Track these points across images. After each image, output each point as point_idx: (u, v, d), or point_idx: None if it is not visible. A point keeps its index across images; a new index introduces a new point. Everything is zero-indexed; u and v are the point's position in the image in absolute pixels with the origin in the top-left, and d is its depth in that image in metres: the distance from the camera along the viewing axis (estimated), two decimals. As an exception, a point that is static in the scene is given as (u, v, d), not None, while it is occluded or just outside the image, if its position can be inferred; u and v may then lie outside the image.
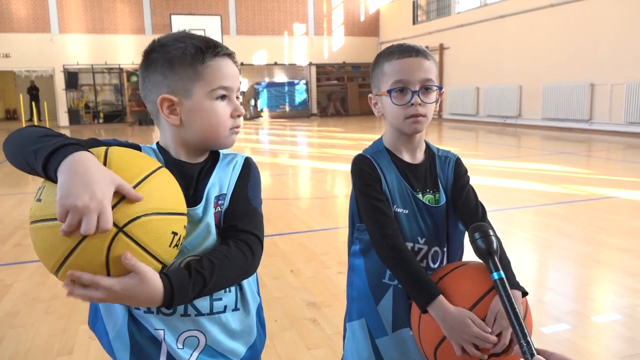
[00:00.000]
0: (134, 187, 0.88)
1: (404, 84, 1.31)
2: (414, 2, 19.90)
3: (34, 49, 18.53)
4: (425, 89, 1.32)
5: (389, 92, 1.32)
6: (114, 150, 0.95)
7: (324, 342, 2.48)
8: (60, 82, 19.18)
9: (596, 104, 12.10)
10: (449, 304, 1.18)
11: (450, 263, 1.38)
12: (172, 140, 1.11)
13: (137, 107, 20.28)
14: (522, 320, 1.02)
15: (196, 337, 1.07)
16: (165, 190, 0.95)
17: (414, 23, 19.96)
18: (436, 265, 1.38)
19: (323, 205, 5.64)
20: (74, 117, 19.51)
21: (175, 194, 0.98)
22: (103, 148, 0.94)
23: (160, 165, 1.00)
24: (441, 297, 1.19)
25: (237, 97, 1.14)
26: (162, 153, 1.12)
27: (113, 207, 0.85)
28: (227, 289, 1.10)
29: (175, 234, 0.94)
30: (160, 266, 0.94)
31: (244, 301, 1.15)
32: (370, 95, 1.43)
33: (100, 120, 20.04)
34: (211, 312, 1.08)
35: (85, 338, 2.58)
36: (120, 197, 0.86)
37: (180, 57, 1.05)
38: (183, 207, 0.99)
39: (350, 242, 1.45)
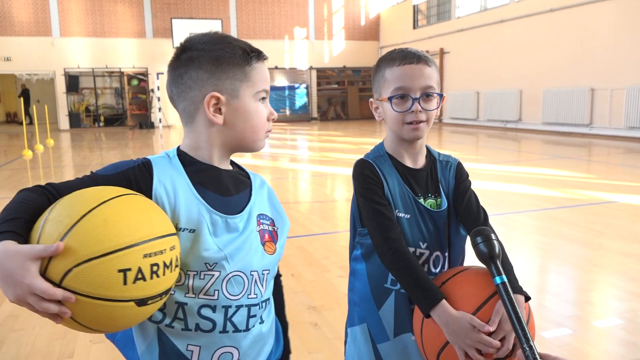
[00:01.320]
0: (61, 239, 0.85)
1: (405, 90, 1.31)
2: (414, 6, 19.95)
3: (35, 53, 18.58)
4: (426, 96, 1.32)
5: (390, 98, 1.33)
6: (44, 218, 0.90)
7: (324, 346, 2.48)
8: (61, 85, 19.22)
9: (596, 109, 12.12)
10: (452, 308, 1.17)
11: (453, 268, 1.38)
12: (208, 142, 1.09)
13: (138, 111, 20.31)
14: (525, 325, 1.01)
15: (230, 352, 1.07)
16: (100, 231, 0.87)
17: (414, 27, 20.00)
18: (437, 270, 1.37)
19: (323, 209, 5.64)
20: (75, 120, 19.55)
21: (119, 228, 0.89)
22: (40, 220, 0.90)
23: (103, 200, 0.91)
24: (444, 301, 1.18)
25: None
26: (184, 158, 1.09)
27: (44, 273, 0.84)
28: (260, 306, 1.11)
29: (126, 270, 0.86)
30: (131, 304, 0.88)
31: (269, 314, 1.17)
32: (371, 99, 1.44)
33: (101, 124, 20.07)
34: (247, 329, 1.08)
35: (86, 342, 2.58)
36: (48, 260, 0.84)
37: (229, 57, 1.06)
38: (138, 235, 0.90)
39: (352, 247, 1.44)
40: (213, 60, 1.06)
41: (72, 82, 19.42)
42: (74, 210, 0.89)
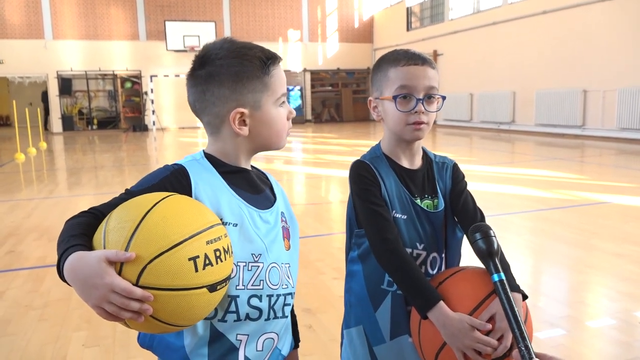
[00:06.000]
0: (127, 245, 0.90)
1: (409, 90, 1.31)
2: (407, 8, 20.01)
3: (28, 55, 18.48)
4: (429, 97, 1.33)
5: (395, 97, 1.32)
6: (103, 230, 0.96)
7: (319, 349, 2.48)
8: (53, 88, 19.14)
9: (589, 110, 12.19)
10: (450, 310, 1.17)
11: (450, 268, 1.38)
12: (235, 149, 1.15)
13: (131, 114, 20.24)
14: (522, 324, 1.01)
15: (272, 338, 1.15)
16: (162, 227, 0.93)
17: (407, 29, 20.06)
18: (434, 271, 1.37)
19: (317, 211, 5.63)
20: (68, 123, 19.45)
21: (179, 221, 0.95)
22: (100, 233, 0.95)
23: (155, 202, 0.97)
24: (442, 303, 1.18)
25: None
26: (214, 160, 1.14)
27: (119, 273, 0.89)
28: (292, 296, 1.22)
29: (195, 258, 0.93)
30: (204, 290, 0.94)
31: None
32: (370, 98, 1.42)
33: (94, 127, 19.99)
34: (283, 315, 1.18)
35: (79, 346, 2.56)
36: (120, 264, 0.89)
37: (249, 71, 1.10)
38: (196, 226, 0.96)
39: (348, 248, 1.44)
40: (233, 77, 1.09)
41: (65, 85, 19.33)
42: (132, 214, 0.95)
